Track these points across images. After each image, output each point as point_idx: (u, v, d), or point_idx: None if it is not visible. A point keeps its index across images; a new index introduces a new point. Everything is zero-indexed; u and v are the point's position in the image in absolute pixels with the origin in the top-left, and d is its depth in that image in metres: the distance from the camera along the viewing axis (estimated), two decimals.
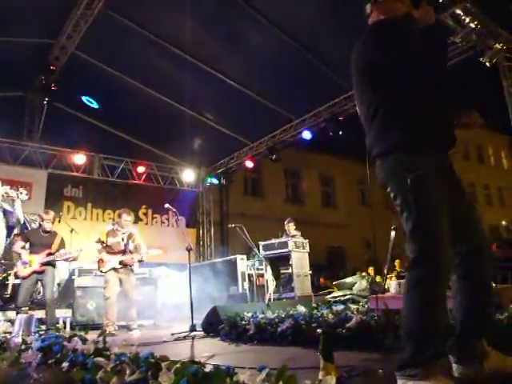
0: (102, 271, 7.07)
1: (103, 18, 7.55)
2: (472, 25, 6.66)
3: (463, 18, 6.69)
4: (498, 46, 7.18)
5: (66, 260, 7.05)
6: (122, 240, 7.18)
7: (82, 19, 7.51)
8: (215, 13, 7.61)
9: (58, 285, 8.39)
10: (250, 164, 12.22)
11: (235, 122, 10.82)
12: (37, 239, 6.89)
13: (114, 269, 6.99)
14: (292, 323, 4.34)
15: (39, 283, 6.94)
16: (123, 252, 7.10)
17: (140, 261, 7.30)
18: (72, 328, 7.47)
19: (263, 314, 5.14)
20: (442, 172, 2.34)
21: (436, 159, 2.32)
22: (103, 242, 7.13)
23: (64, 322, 7.65)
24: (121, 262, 7.02)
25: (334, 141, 10.21)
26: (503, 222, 24.73)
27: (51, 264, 6.83)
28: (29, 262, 6.65)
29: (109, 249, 7.09)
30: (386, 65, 2.37)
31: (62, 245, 6.98)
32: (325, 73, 8.60)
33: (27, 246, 6.82)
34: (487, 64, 7.27)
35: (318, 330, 3.95)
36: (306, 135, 10.40)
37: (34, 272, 6.65)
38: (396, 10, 2.51)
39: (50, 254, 6.76)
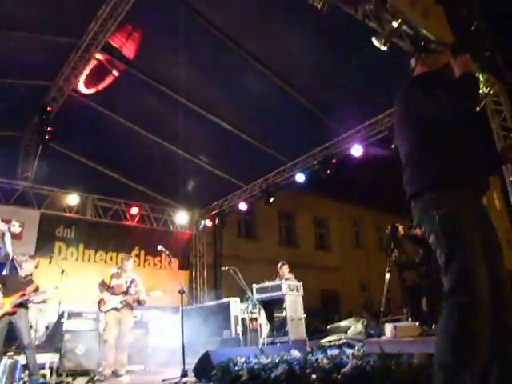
0: (102, 311, 7.09)
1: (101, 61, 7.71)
2: None
3: None
4: (485, 90, 7.34)
5: (34, 302, 6.93)
6: (126, 283, 7.27)
7: (81, 62, 7.65)
8: (210, 57, 7.78)
9: (46, 328, 8.20)
10: (243, 206, 12.20)
11: (229, 164, 10.89)
12: (13, 283, 6.78)
13: (115, 309, 6.96)
14: (286, 369, 4.24)
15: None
16: (125, 293, 7.17)
17: (140, 302, 7.25)
18: (59, 374, 7.25)
19: (257, 359, 5.04)
20: (474, 210, 2.40)
21: (467, 197, 2.39)
22: (106, 284, 7.14)
23: (50, 368, 7.39)
24: (122, 302, 7.06)
25: (328, 183, 10.25)
26: None
27: (24, 306, 6.70)
28: (1, 304, 6.52)
29: (111, 290, 7.14)
30: (425, 112, 2.53)
31: (35, 291, 6.89)
32: (317, 116, 8.74)
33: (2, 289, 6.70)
34: (477, 107, 7.41)
35: (313, 376, 3.86)
36: (300, 178, 10.44)
37: (6, 314, 6.50)
38: (438, 63, 2.74)
39: (23, 295, 6.65)
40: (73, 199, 10.99)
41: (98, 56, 7.85)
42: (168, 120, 9.35)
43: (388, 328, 5.20)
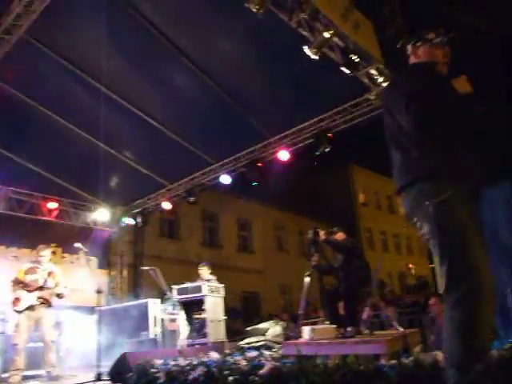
0: (16, 311, 6.57)
1: (22, 44, 7.28)
2: (385, 84, 7.13)
3: (376, 77, 7.17)
4: None
5: None
6: (42, 277, 6.81)
7: (0, 44, 7.20)
8: (139, 50, 7.58)
9: None
10: (167, 205, 12.01)
11: (154, 162, 10.68)
12: None
13: (31, 307, 6.54)
14: (204, 371, 4.22)
15: None
16: (41, 288, 6.70)
17: (59, 295, 6.84)
18: None
19: (175, 361, 4.96)
20: (469, 203, 2.32)
21: (461, 189, 2.30)
22: (20, 281, 6.69)
23: None
24: (39, 298, 6.62)
25: (252, 186, 10.33)
26: (410, 265, 26.22)
27: None
28: None
29: (26, 287, 6.65)
30: (419, 102, 2.40)
31: None
32: (246, 119, 8.80)
33: None
34: None
35: (230, 378, 3.87)
36: (225, 179, 10.44)
37: None
38: (431, 56, 2.65)
39: None
40: None
41: None
42: (91, 112, 8.93)
43: (306, 330, 5.32)
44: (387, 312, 7.50)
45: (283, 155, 9.34)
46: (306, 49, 6.05)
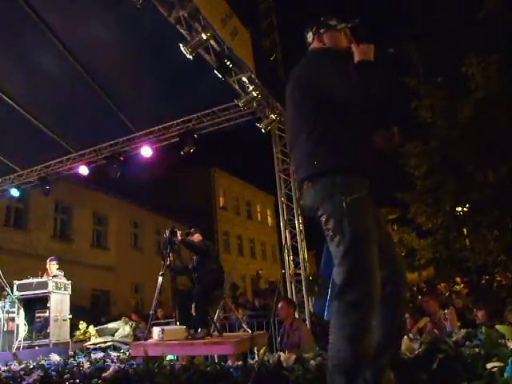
0: None
1: None
2: (254, 93, 7.34)
3: (247, 85, 7.35)
4: (272, 116, 8.07)
5: None
6: None
7: None
8: (5, 22, 6.80)
9: None
10: (15, 193, 11.05)
11: (3, 143, 9.70)
12: None
13: None
14: (41, 375, 3.92)
15: None
16: None
17: None
18: None
19: (7, 366, 4.55)
20: (370, 198, 2.34)
21: (366, 184, 2.32)
22: None
23: None
24: None
25: (112, 180, 9.95)
26: (260, 271, 27.38)
27: None
28: None
29: None
30: (323, 89, 2.37)
31: None
32: (113, 111, 8.46)
33: None
34: (263, 130, 8.11)
35: (72, 382, 3.65)
36: (83, 170, 9.94)
37: None
38: (336, 43, 2.60)
39: None
40: None
41: None
42: None
43: (156, 331, 5.25)
44: (237, 314, 7.69)
45: (146, 151, 9.17)
46: (181, 46, 5.99)
